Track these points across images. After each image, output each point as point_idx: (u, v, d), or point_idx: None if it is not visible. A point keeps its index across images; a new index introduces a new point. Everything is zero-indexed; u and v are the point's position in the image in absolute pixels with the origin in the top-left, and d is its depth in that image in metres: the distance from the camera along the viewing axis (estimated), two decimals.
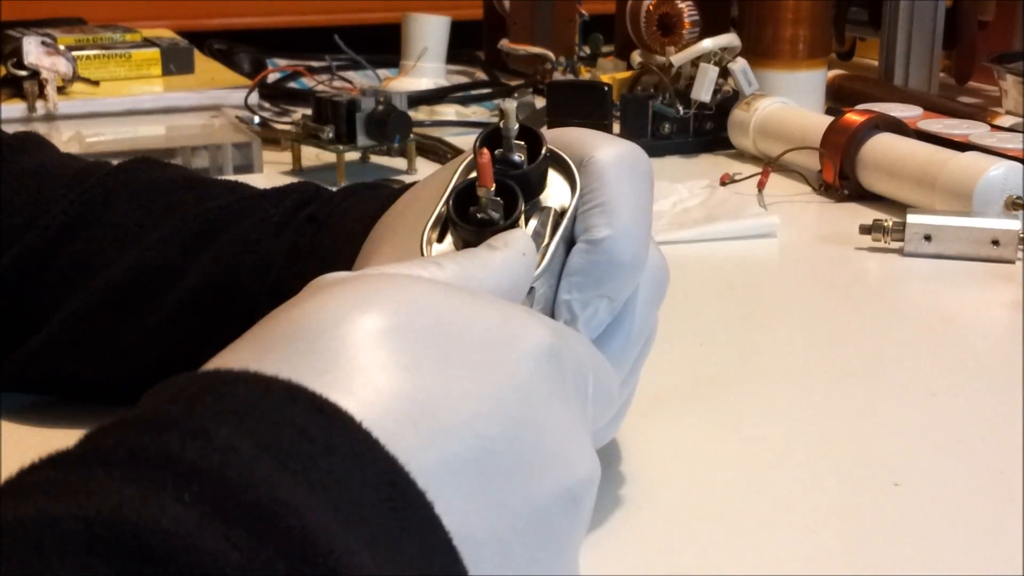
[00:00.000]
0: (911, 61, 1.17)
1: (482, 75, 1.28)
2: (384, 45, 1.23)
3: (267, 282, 0.48)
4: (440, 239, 0.39)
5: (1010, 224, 0.75)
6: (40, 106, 1.04)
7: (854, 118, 0.88)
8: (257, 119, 1.04)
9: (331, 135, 0.90)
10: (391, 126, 0.90)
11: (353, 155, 0.93)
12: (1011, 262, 0.74)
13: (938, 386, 0.57)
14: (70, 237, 0.50)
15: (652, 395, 0.53)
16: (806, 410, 0.54)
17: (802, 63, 1.07)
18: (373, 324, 0.29)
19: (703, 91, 0.98)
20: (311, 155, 0.94)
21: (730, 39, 0.99)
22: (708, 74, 0.98)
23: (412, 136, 0.93)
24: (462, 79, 1.25)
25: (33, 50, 1.05)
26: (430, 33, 1.17)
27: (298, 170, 0.94)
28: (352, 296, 0.29)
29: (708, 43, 0.99)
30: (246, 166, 0.94)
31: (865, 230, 0.77)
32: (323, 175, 0.92)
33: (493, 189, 0.37)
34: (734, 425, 0.53)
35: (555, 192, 0.40)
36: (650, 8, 1.02)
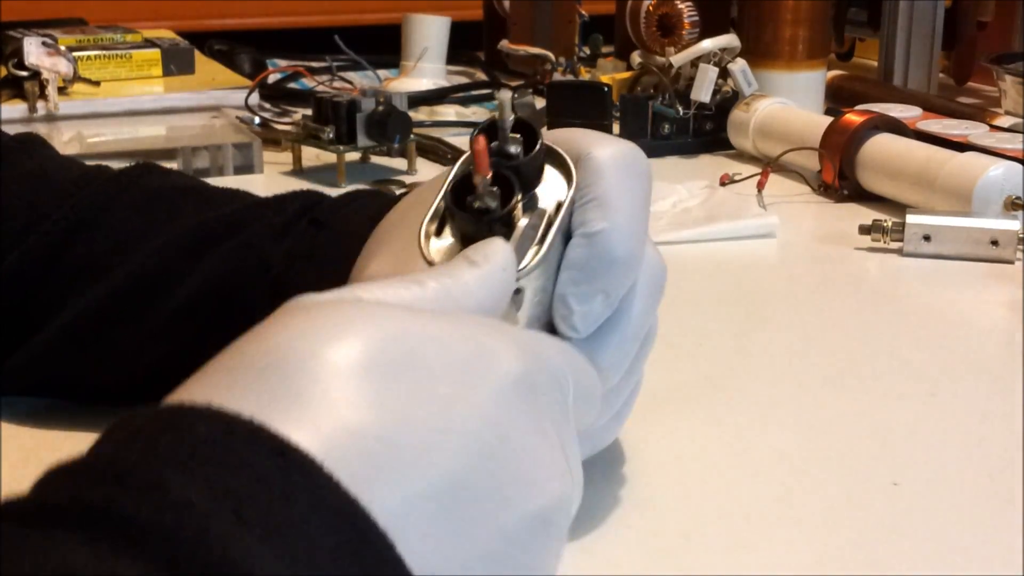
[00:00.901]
0: (910, 62, 1.18)
1: (482, 76, 1.28)
2: (384, 46, 1.24)
3: (266, 283, 0.48)
4: (439, 233, 0.39)
5: (1009, 224, 0.75)
6: (41, 107, 1.04)
7: (853, 118, 0.88)
8: (257, 120, 1.04)
9: (331, 135, 0.90)
10: (391, 126, 0.90)
11: (353, 155, 0.93)
12: (1010, 262, 0.75)
13: (937, 386, 0.57)
14: (72, 242, 0.50)
15: (652, 395, 0.53)
16: (805, 410, 0.55)
17: (801, 64, 1.07)
18: (345, 358, 0.28)
19: (703, 92, 0.98)
20: (311, 155, 0.94)
21: (730, 40, 1.00)
22: (708, 75, 0.98)
23: (412, 136, 0.93)
24: (462, 80, 1.25)
25: (34, 51, 1.05)
26: (430, 34, 1.17)
27: (298, 170, 0.94)
28: (326, 327, 0.29)
29: (708, 44, 0.99)
30: (246, 166, 0.94)
31: (864, 230, 0.77)
32: (323, 175, 0.92)
33: (490, 177, 0.37)
34: (733, 425, 0.53)
35: (551, 186, 0.41)
36: (650, 9, 1.02)
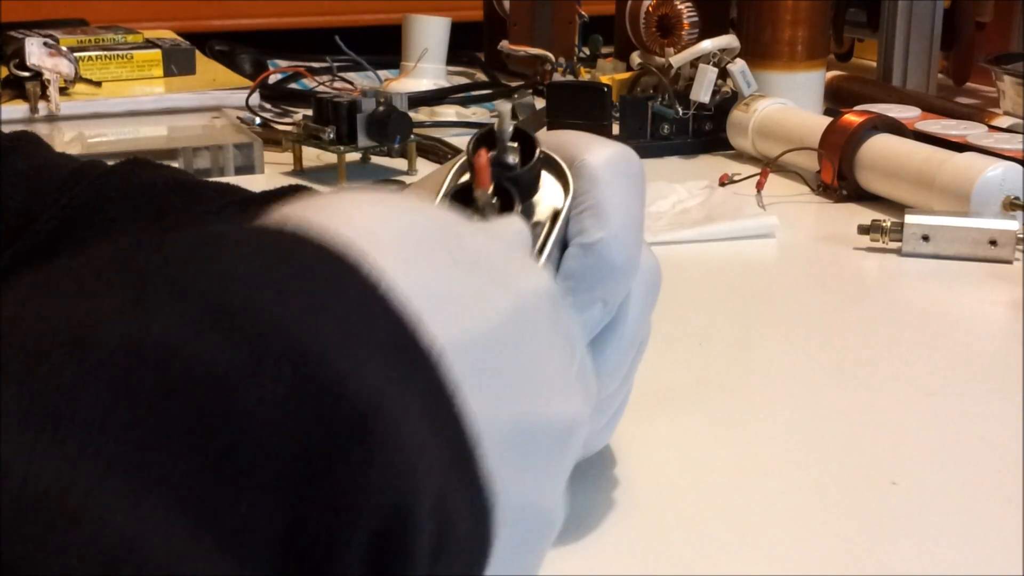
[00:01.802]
0: (909, 62, 1.18)
1: (482, 76, 1.28)
2: (385, 46, 1.24)
3: None
4: None
5: (1008, 224, 0.75)
6: (42, 107, 1.04)
7: (852, 119, 0.88)
8: (258, 120, 1.04)
9: (332, 136, 0.90)
10: (392, 127, 0.90)
11: (354, 156, 0.93)
12: (1009, 262, 0.75)
13: (936, 386, 0.57)
14: (63, 241, 0.50)
15: (652, 395, 0.53)
16: (804, 410, 0.55)
17: (801, 64, 1.07)
18: (396, 228, 0.28)
19: (702, 92, 0.99)
20: (312, 156, 0.95)
21: (729, 40, 1.00)
22: (707, 75, 0.98)
23: (412, 137, 0.93)
24: (462, 80, 1.25)
25: (35, 51, 1.05)
26: (430, 34, 1.17)
27: (299, 171, 0.94)
28: (362, 201, 0.28)
29: (707, 44, 0.99)
30: (247, 167, 0.94)
31: (863, 230, 0.77)
32: (324, 176, 0.92)
33: (491, 190, 0.37)
34: (733, 425, 0.53)
35: (547, 194, 0.40)
36: (649, 9, 1.02)
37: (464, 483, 0.26)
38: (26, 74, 1.05)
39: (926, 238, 0.76)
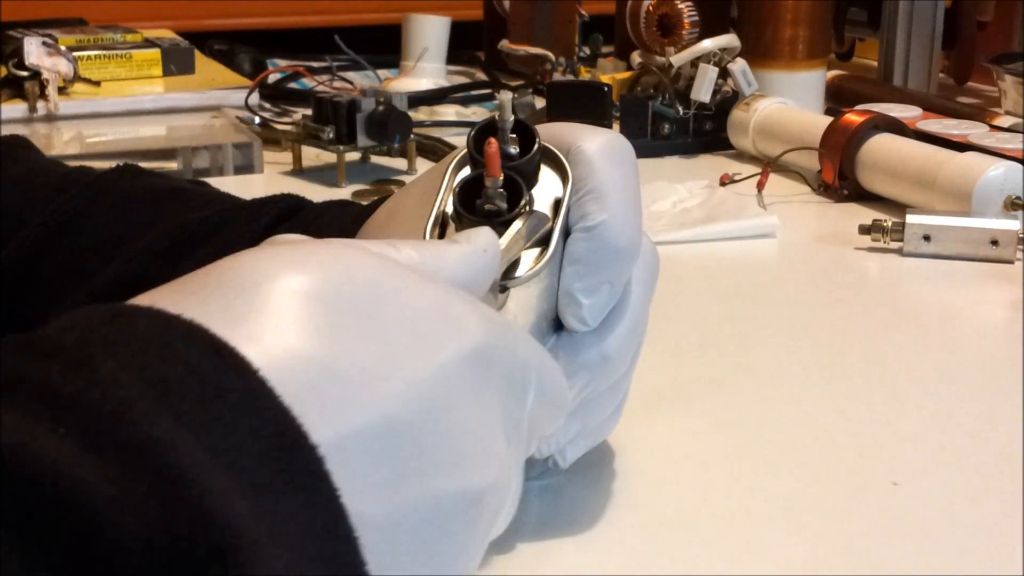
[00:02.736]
0: (910, 61, 1.18)
1: (482, 76, 1.28)
2: (384, 46, 1.24)
3: None
4: (441, 238, 0.39)
5: (1009, 224, 0.75)
6: (41, 106, 1.04)
7: (853, 118, 0.88)
8: (258, 119, 1.04)
9: (331, 135, 0.90)
10: (391, 126, 0.90)
11: (353, 155, 0.93)
12: (1010, 262, 0.75)
13: (937, 386, 0.57)
14: (51, 248, 0.50)
15: (651, 395, 0.53)
16: (805, 410, 0.55)
17: (801, 64, 1.07)
18: (303, 285, 0.28)
19: (703, 91, 0.99)
20: (311, 155, 0.94)
21: (730, 40, 1.00)
22: (708, 74, 0.98)
23: (412, 136, 0.93)
24: (462, 79, 1.25)
25: (34, 50, 1.05)
26: (430, 34, 1.17)
27: (298, 170, 0.94)
28: (290, 256, 0.29)
29: (708, 44, 0.99)
30: (247, 166, 0.94)
31: (864, 230, 0.77)
32: (323, 175, 0.92)
33: (501, 179, 0.37)
34: (733, 424, 0.53)
35: (546, 184, 0.41)
36: (650, 8, 1.02)
37: None
38: (25, 73, 1.05)
39: (927, 238, 0.76)
